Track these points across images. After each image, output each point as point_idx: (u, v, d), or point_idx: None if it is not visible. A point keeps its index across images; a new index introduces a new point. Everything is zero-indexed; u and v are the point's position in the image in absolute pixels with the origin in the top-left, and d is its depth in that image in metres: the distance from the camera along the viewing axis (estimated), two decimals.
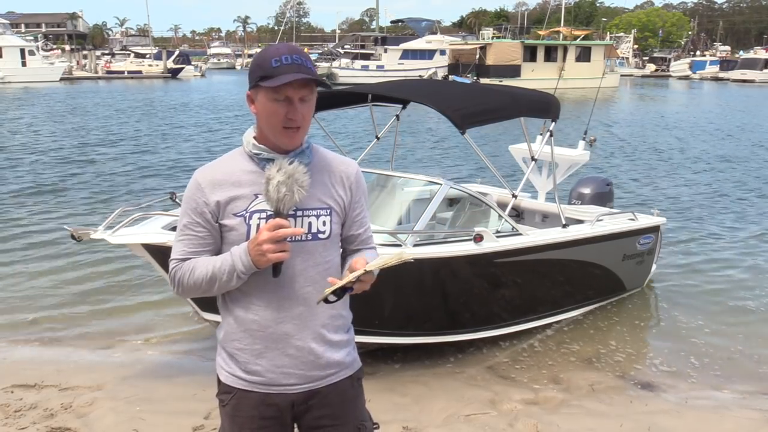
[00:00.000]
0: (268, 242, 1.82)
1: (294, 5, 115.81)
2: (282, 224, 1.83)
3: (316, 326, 2.01)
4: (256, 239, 1.84)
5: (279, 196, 1.84)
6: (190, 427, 4.07)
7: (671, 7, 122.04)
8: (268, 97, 1.89)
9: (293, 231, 1.86)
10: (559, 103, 6.05)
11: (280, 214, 1.86)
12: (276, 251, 1.83)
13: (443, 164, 15.08)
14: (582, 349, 5.63)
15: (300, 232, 1.91)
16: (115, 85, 46.50)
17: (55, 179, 12.36)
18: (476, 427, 4.21)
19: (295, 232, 1.86)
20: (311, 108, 1.96)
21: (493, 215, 5.67)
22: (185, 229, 2.00)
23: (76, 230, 4.47)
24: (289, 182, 1.85)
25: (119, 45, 74.11)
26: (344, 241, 2.12)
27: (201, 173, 2.01)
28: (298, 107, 1.89)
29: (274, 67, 1.86)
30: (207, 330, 5.50)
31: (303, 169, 1.89)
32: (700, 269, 7.92)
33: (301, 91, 1.90)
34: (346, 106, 6.51)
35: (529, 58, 46.87)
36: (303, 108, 1.91)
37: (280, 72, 1.85)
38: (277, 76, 1.85)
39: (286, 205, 1.86)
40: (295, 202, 1.87)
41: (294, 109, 1.89)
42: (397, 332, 5.02)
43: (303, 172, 1.88)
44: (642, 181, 13.55)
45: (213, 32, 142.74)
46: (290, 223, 1.91)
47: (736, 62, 67.07)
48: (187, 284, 1.98)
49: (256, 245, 1.84)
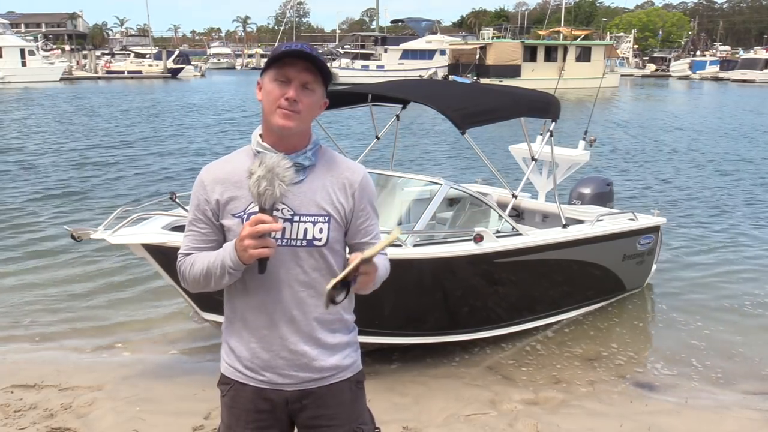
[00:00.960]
0: (248, 238, 1.82)
1: (294, 5, 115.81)
2: (263, 219, 1.82)
3: (309, 330, 2.01)
4: (240, 234, 1.85)
5: (260, 191, 1.83)
6: (190, 427, 4.07)
7: (671, 7, 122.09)
8: (270, 77, 1.92)
9: (272, 227, 1.83)
10: (559, 103, 6.05)
11: (263, 209, 1.85)
12: (257, 247, 1.82)
13: (443, 164, 15.08)
14: (582, 349, 5.63)
15: (278, 227, 1.86)
16: (115, 85, 46.50)
17: (71, 182, 12.27)
18: (476, 427, 4.21)
19: (273, 228, 1.83)
20: (314, 100, 1.94)
21: (493, 215, 5.67)
22: (190, 224, 2.04)
23: (75, 230, 4.47)
24: (269, 176, 1.83)
25: (119, 45, 74.20)
26: (351, 249, 2.08)
27: (206, 170, 2.03)
28: (297, 90, 1.89)
29: (283, 50, 1.90)
30: (207, 330, 5.50)
31: (286, 164, 1.86)
32: (700, 269, 7.92)
33: (304, 75, 1.90)
34: (346, 106, 6.51)
35: (529, 58, 46.86)
36: (303, 95, 1.91)
37: (285, 52, 1.90)
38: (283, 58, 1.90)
39: (268, 200, 1.83)
40: (277, 197, 1.84)
41: (293, 89, 1.89)
42: (397, 332, 5.02)
43: (285, 166, 1.86)
44: (642, 181, 13.55)
45: (213, 32, 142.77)
46: (284, 225, 1.91)
47: (736, 62, 67.05)
48: (189, 278, 2.02)
49: (239, 240, 1.85)
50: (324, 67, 1.93)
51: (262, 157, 1.87)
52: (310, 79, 1.91)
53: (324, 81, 1.95)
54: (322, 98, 1.98)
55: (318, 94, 1.95)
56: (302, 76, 1.90)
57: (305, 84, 1.91)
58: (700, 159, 16.80)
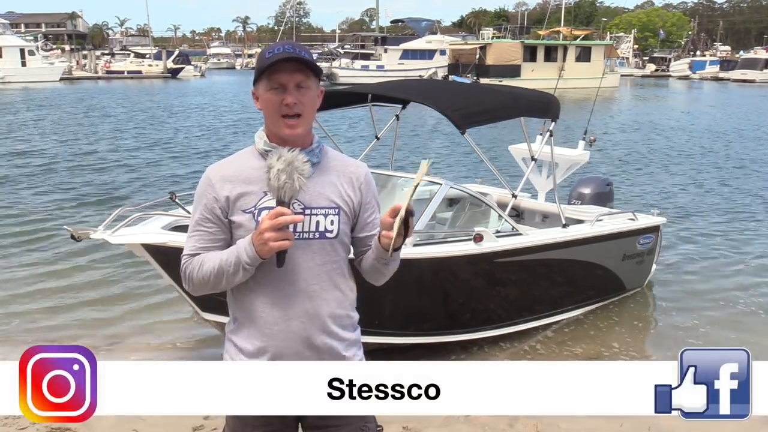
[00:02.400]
0: (269, 230, 1.84)
1: (294, 5, 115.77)
2: (283, 212, 1.85)
3: (322, 324, 2.00)
4: (259, 228, 1.86)
5: (279, 184, 1.86)
6: (190, 427, 4.07)
7: (671, 7, 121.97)
8: (265, 87, 1.95)
9: (293, 218, 1.86)
10: (559, 103, 6.05)
11: (281, 202, 1.87)
12: (278, 239, 1.84)
13: (443, 164, 15.08)
14: (582, 349, 5.63)
15: (299, 219, 1.90)
16: (115, 85, 46.47)
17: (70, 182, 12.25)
18: (476, 427, 4.21)
19: (294, 219, 1.87)
20: (311, 97, 1.97)
21: (493, 215, 5.67)
22: (196, 225, 2.03)
23: (75, 230, 4.47)
24: (289, 170, 1.86)
25: (119, 45, 74.05)
26: (358, 244, 2.11)
27: (212, 169, 2.05)
28: (293, 93, 1.92)
29: (267, 58, 1.92)
30: (207, 330, 5.50)
31: (303, 158, 1.90)
32: (700, 269, 7.92)
33: (296, 76, 1.93)
34: (346, 106, 6.51)
35: (529, 58, 46.84)
36: (300, 95, 1.94)
37: (272, 61, 1.91)
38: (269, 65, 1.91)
39: (287, 193, 1.87)
40: (296, 190, 1.87)
41: (289, 94, 1.92)
42: (397, 332, 5.02)
43: (303, 160, 1.89)
44: (642, 181, 13.55)
45: (213, 32, 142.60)
46: (301, 216, 1.92)
47: (736, 62, 66.99)
48: (197, 279, 2.00)
49: (258, 234, 1.86)
50: (312, 63, 1.95)
51: (281, 152, 1.90)
52: (303, 78, 1.94)
53: (315, 74, 1.97)
54: (317, 89, 2.01)
55: (313, 88, 1.99)
56: (294, 78, 1.93)
57: (299, 84, 1.94)
58: (700, 159, 16.80)
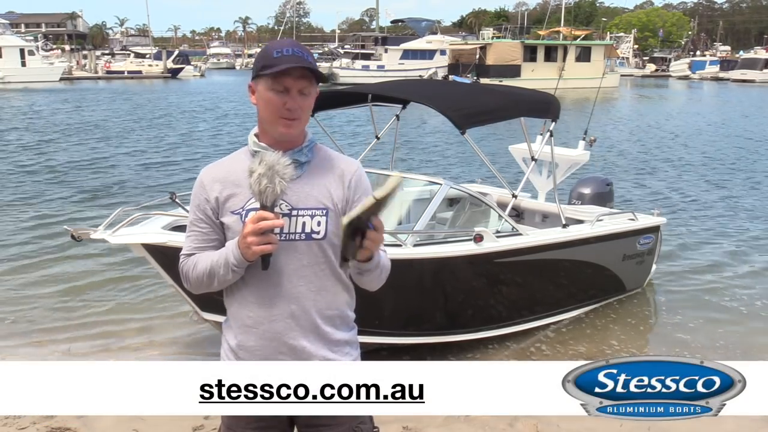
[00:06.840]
0: (251, 235, 1.85)
1: (294, 5, 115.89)
2: (265, 216, 1.85)
3: (309, 325, 2.01)
4: (242, 232, 1.88)
5: (261, 188, 1.86)
6: (190, 427, 4.07)
7: (671, 7, 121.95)
8: (267, 86, 1.94)
9: (273, 223, 1.86)
10: (559, 103, 6.05)
11: (264, 206, 1.87)
12: (260, 243, 1.86)
13: (443, 164, 15.08)
14: (582, 349, 5.63)
15: (280, 223, 1.90)
16: (115, 85, 46.47)
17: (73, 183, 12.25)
18: (476, 426, 4.21)
19: (275, 224, 1.87)
20: (310, 103, 1.99)
21: (493, 215, 5.67)
22: (191, 225, 2.07)
23: (75, 230, 4.46)
24: (270, 174, 1.85)
25: (119, 45, 74.17)
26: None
27: (205, 171, 2.07)
28: (296, 98, 1.94)
29: (276, 57, 1.92)
30: (207, 330, 5.50)
31: (285, 161, 1.89)
32: (700, 269, 7.91)
33: (300, 82, 1.94)
34: (346, 106, 6.51)
35: (529, 58, 46.81)
36: (301, 100, 1.95)
37: (281, 62, 1.91)
38: (277, 65, 1.90)
39: (269, 197, 1.86)
40: (277, 194, 1.87)
41: (292, 99, 1.93)
42: (397, 332, 5.02)
43: (285, 163, 1.88)
44: (642, 181, 13.55)
45: (213, 32, 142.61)
46: (282, 220, 1.92)
47: (736, 62, 66.97)
48: (193, 278, 2.04)
49: (242, 238, 1.88)
50: (318, 71, 1.97)
51: (262, 156, 1.90)
52: (306, 85, 1.96)
53: (317, 81, 1.99)
54: (316, 94, 2.02)
55: (313, 94, 2.00)
56: (299, 84, 1.94)
57: (302, 90, 1.95)
58: (700, 159, 16.79)
